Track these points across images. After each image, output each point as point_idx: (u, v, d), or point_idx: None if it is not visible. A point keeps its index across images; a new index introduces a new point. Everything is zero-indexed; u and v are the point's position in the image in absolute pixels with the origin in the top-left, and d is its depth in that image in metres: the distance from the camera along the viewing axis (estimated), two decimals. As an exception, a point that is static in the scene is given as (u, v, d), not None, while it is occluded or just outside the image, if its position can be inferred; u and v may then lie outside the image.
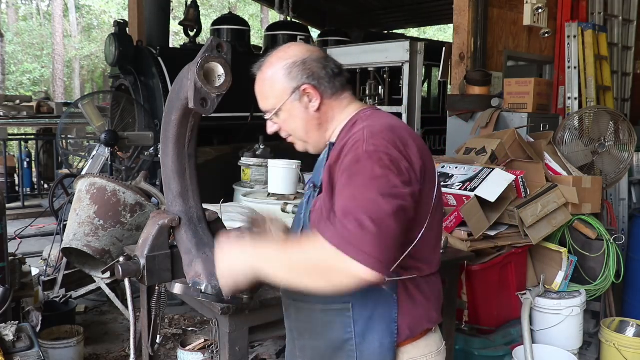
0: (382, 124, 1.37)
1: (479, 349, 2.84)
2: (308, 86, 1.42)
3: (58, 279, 3.88)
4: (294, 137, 1.51)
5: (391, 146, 1.29)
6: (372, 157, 1.26)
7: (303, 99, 1.43)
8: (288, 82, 1.42)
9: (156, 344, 2.16)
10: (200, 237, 1.65)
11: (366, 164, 1.26)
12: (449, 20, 8.73)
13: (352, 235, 1.18)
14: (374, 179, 1.24)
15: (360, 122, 1.40)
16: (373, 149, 1.28)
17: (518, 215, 2.92)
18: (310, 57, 1.43)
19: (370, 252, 1.17)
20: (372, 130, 1.34)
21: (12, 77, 22.18)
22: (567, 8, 5.25)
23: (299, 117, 1.45)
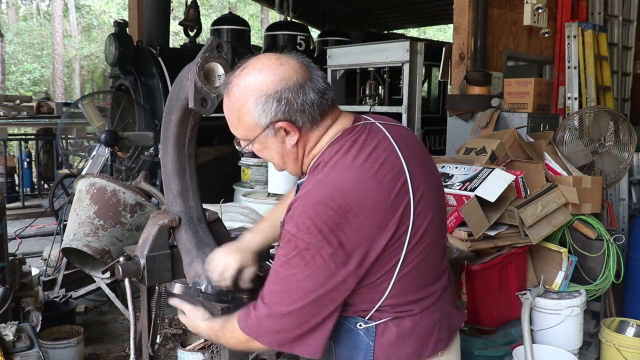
0: (325, 188, 1.24)
1: (479, 349, 2.84)
2: (284, 123, 1.27)
3: (58, 279, 3.88)
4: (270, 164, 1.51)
5: (314, 230, 1.20)
6: (290, 242, 1.24)
7: (279, 133, 1.30)
8: (259, 117, 1.27)
9: (156, 344, 2.15)
10: (200, 237, 1.65)
11: (285, 249, 1.25)
12: (449, 20, 8.73)
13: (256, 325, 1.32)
14: (285, 268, 1.26)
15: (318, 171, 1.30)
16: (294, 232, 1.23)
17: (518, 215, 2.92)
18: (286, 86, 1.25)
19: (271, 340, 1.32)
20: (306, 201, 1.24)
21: (12, 77, 22.18)
22: (567, 8, 5.25)
23: (274, 150, 1.35)
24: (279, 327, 1.29)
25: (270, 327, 1.30)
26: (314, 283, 1.24)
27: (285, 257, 1.26)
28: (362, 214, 1.21)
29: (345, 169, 1.26)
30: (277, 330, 1.30)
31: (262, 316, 1.31)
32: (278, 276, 1.28)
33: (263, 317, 1.30)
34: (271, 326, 1.30)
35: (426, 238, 1.32)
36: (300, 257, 1.22)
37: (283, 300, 1.27)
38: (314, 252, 1.21)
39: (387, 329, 1.34)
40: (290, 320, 1.28)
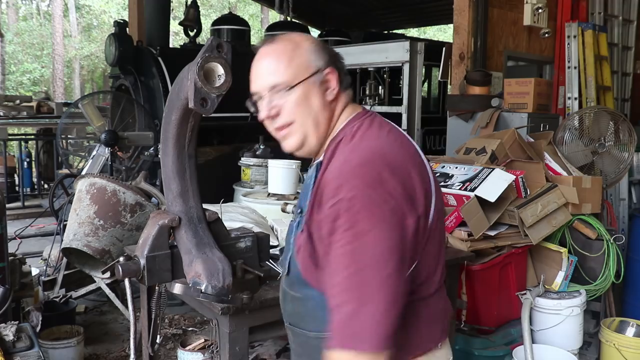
0: (363, 152, 1.22)
1: (479, 349, 2.84)
2: (332, 70, 1.29)
3: (58, 279, 3.89)
4: (295, 128, 1.31)
5: (372, 187, 1.14)
6: (352, 207, 1.13)
7: (322, 85, 1.29)
8: (314, 59, 1.28)
9: (156, 344, 2.15)
10: (200, 237, 1.65)
11: (346, 218, 1.14)
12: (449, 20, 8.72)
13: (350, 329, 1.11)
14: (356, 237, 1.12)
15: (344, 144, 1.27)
16: (352, 194, 1.14)
17: (518, 215, 2.92)
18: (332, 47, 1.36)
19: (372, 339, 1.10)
20: (350, 165, 1.19)
21: (12, 77, 22.18)
22: (567, 8, 5.25)
23: (315, 103, 1.29)
24: (377, 313, 1.10)
25: (368, 321, 1.10)
26: (394, 240, 1.13)
27: (350, 227, 1.13)
28: (404, 173, 1.20)
29: (375, 138, 1.26)
30: (378, 321, 1.10)
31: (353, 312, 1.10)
32: (348, 255, 1.13)
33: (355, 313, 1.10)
34: (369, 316, 1.10)
35: (441, 215, 1.32)
36: (369, 215, 1.12)
37: (368, 276, 1.10)
38: (380, 204, 1.13)
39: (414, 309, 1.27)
40: (383, 296, 1.10)
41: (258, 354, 3.14)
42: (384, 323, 1.11)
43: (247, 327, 1.87)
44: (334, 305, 1.15)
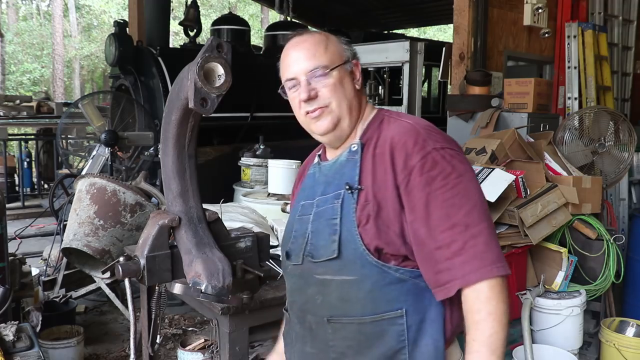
0: (420, 120, 1.37)
1: (479, 349, 2.84)
2: (357, 62, 1.43)
3: (58, 279, 3.89)
4: (330, 109, 1.37)
5: (451, 140, 1.32)
6: (445, 156, 1.26)
7: (351, 74, 1.41)
8: (344, 50, 1.41)
9: (156, 344, 2.15)
10: (200, 237, 1.65)
11: (443, 165, 1.25)
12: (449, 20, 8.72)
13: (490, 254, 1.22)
14: (459, 180, 1.25)
15: (389, 119, 1.39)
16: (440, 144, 1.28)
17: (518, 215, 2.92)
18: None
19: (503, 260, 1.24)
20: (421, 125, 1.33)
21: (12, 77, 22.18)
22: (567, 8, 5.24)
23: (348, 89, 1.39)
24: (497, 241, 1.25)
25: (495, 242, 1.25)
26: (476, 181, 1.31)
27: (450, 173, 1.25)
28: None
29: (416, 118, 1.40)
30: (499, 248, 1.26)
31: (483, 243, 1.22)
32: (459, 195, 1.24)
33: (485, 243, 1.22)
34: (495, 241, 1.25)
35: None
36: (462, 163, 1.28)
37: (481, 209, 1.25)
38: (463, 156, 1.31)
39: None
40: (492, 229, 1.26)
41: (258, 354, 3.14)
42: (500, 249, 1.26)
43: (247, 327, 1.87)
44: (460, 244, 1.22)
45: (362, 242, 1.29)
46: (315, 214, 1.39)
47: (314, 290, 1.38)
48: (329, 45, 1.38)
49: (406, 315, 1.29)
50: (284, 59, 1.41)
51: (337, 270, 1.33)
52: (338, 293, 1.34)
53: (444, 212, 1.23)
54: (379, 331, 1.30)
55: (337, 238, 1.32)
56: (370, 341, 1.31)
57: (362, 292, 1.31)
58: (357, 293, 1.31)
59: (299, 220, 1.45)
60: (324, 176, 1.43)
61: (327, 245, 1.34)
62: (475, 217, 1.23)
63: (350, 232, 1.30)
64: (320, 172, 1.47)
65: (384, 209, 1.28)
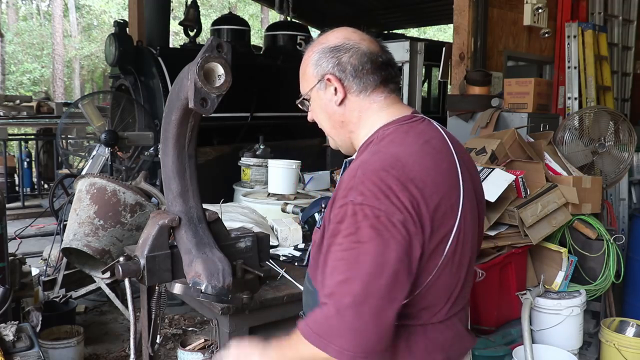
0: (383, 157, 1.19)
1: (479, 349, 2.84)
2: (332, 76, 1.30)
3: (58, 279, 3.88)
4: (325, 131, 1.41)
5: (382, 195, 1.12)
6: (357, 213, 1.12)
7: (329, 89, 1.32)
8: (315, 69, 1.33)
9: (156, 344, 2.15)
10: (200, 237, 1.65)
11: (349, 223, 1.13)
12: (449, 20, 8.72)
13: (324, 328, 1.12)
14: (354, 245, 1.12)
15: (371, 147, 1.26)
16: (360, 200, 1.13)
17: (518, 215, 2.92)
18: (345, 45, 1.30)
19: (343, 344, 1.09)
20: (366, 169, 1.17)
21: (12, 77, 22.18)
22: (567, 8, 5.25)
23: (324, 108, 1.35)
24: (356, 322, 1.09)
25: (344, 325, 1.09)
26: (393, 254, 1.10)
27: (353, 233, 1.12)
28: (422, 187, 1.16)
29: (404, 144, 1.22)
30: (354, 328, 1.09)
31: (331, 314, 1.11)
32: (344, 261, 1.12)
33: (333, 315, 1.10)
34: (345, 323, 1.09)
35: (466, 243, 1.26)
36: (371, 228, 1.10)
37: (356, 285, 1.09)
38: (385, 219, 1.10)
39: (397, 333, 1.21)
40: (368, 309, 1.09)
41: None
42: (361, 334, 1.10)
43: (247, 327, 1.87)
44: (322, 302, 1.16)
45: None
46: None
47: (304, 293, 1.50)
48: (306, 68, 1.35)
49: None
50: None
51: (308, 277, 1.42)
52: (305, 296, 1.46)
53: (329, 270, 1.16)
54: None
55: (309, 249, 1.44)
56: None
57: (315, 303, 1.29)
58: (313, 303, 1.33)
59: None
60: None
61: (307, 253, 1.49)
62: (341, 290, 1.11)
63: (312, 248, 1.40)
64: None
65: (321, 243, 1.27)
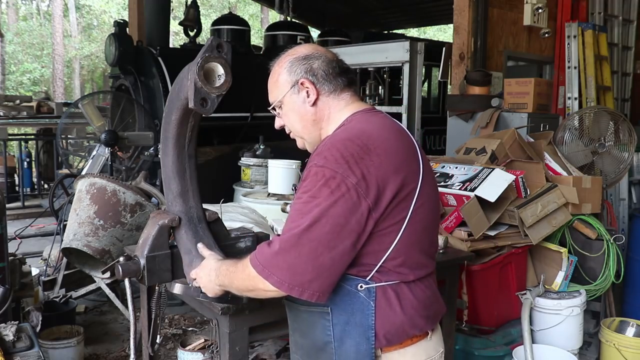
0: (349, 131, 1.40)
1: (479, 349, 2.84)
2: (305, 80, 1.47)
3: (58, 279, 3.88)
4: (294, 134, 1.56)
5: (343, 159, 1.31)
6: (317, 174, 1.32)
7: (301, 93, 1.48)
8: (288, 76, 1.49)
9: (156, 344, 2.16)
10: (200, 237, 1.65)
11: (310, 182, 1.33)
12: (449, 20, 8.72)
13: (267, 260, 1.32)
14: (309, 199, 1.30)
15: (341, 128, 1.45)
16: (322, 163, 1.33)
17: (518, 215, 2.92)
18: (314, 54, 1.50)
19: (281, 277, 1.29)
20: (333, 139, 1.38)
21: (12, 77, 22.17)
22: (567, 8, 5.25)
23: (296, 111, 1.50)
24: (293, 262, 1.29)
25: (284, 263, 1.29)
26: (339, 209, 1.29)
27: (310, 190, 1.31)
28: (383, 155, 1.34)
29: (370, 123, 1.43)
30: (290, 266, 1.29)
31: (275, 251, 1.31)
32: (299, 211, 1.31)
33: (277, 252, 1.30)
34: (285, 261, 1.29)
35: (427, 207, 1.43)
36: (326, 186, 1.30)
37: (300, 229, 1.28)
38: (339, 180, 1.29)
39: (386, 292, 1.38)
40: (306, 253, 1.28)
41: (258, 354, 3.14)
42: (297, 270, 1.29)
43: (247, 327, 1.87)
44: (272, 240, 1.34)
45: None
46: None
47: None
48: (278, 77, 1.51)
49: (332, 313, 1.40)
50: None
51: None
52: None
53: (287, 218, 1.36)
54: (312, 321, 1.45)
55: None
56: (305, 327, 1.47)
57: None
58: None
59: None
60: None
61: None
62: (289, 235, 1.30)
63: None
64: None
65: None
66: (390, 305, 1.38)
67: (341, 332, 1.40)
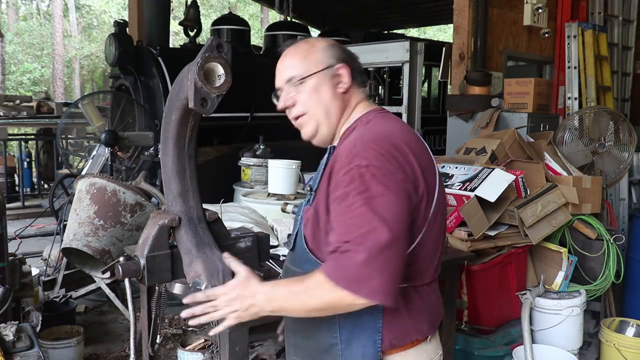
0: (376, 132, 1.35)
1: (479, 349, 2.84)
2: (343, 66, 1.43)
3: (58, 279, 3.88)
4: (308, 117, 1.44)
5: (384, 157, 1.26)
6: (364, 175, 1.24)
7: (334, 79, 1.43)
8: (325, 57, 1.43)
9: (156, 344, 2.16)
10: (200, 237, 1.65)
11: (358, 184, 1.24)
12: (449, 20, 8.72)
13: (355, 272, 1.19)
14: (369, 200, 1.22)
15: (358, 128, 1.40)
16: (365, 163, 1.25)
17: (518, 215, 2.92)
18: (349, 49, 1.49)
19: (375, 286, 1.19)
20: (363, 140, 1.32)
21: (12, 77, 22.17)
22: (567, 8, 5.25)
23: (325, 94, 1.42)
24: (383, 268, 1.19)
25: (376, 269, 1.19)
26: (401, 204, 1.24)
27: (361, 192, 1.22)
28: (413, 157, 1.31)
29: (388, 124, 1.40)
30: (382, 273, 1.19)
31: (361, 262, 1.19)
32: (362, 215, 1.21)
33: (363, 263, 1.19)
34: (374, 270, 1.19)
35: (442, 212, 1.41)
36: (380, 184, 1.23)
37: (384, 232, 1.19)
38: (390, 176, 1.25)
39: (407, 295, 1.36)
40: (395, 253, 1.20)
41: (258, 354, 3.14)
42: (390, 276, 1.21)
43: (247, 327, 1.87)
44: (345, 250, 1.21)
45: (306, 241, 1.42)
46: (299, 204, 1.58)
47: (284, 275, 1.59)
48: (309, 54, 1.43)
49: (338, 316, 1.36)
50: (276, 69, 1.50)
51: (292, 261, 1.52)
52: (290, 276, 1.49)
53: (345, 229, 1.24)
54: (317, 324, 1.41)
55: (295, 232, 1.51)
56: (309, 331, 1.44)
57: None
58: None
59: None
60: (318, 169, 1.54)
61: (292, 236, 1.53)
62: (368, 240, 1.20)
63: (300, 229, 1.46)
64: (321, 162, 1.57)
65: (319, 216, 1.37)
66: (398, 309, 1.35)
67: (349, 334, 1.37)
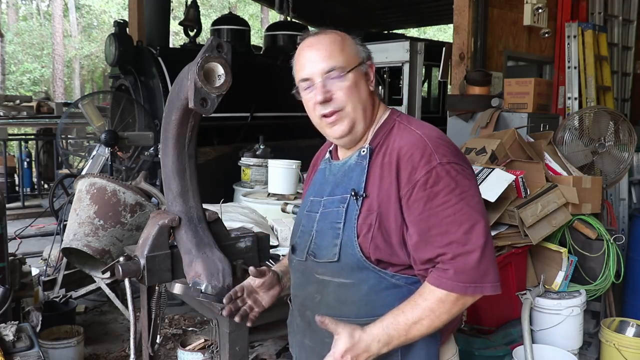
0: (431, 129, 1.34)
1: (479, 349, 2.84)
2: (372, 63, 1.40)
3: (58, 279, 3.88)
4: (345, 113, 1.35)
5: (458, 153, 1.30)
6: (450, 171, 1.24)
7: (366, 75, 1.38)
8: (358, 51, 1.38)
9: (156, 344, 2.15)
10: (200, 237, 1.65)
11: (447, 181, 1.23)
12: (449, 20, 8.72)
13: (474, 274, 1.22)
14: (462, 196, 1.24)
15: (400, 125, 1.37)
16: (446, 160, 1.25)
17: (518, 215, 2.92)
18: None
19: (493, 280, 1.25)
20: (430, 138, 1.29)
21: (12, 77, 22.17)
22: (567, 8, 5.25)
23: (363, 90, 1.36)
24: (492, 255, 1.25)
25: (489, 262, 1.24)
26: (480, 193, 1.30)
27: (453, 189, 1.23)
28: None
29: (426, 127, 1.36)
30: (493, 260, 1.25)
31: (477, 261, 1.22)
32: (461, 212, 1.23)
33: (479, 261, 1.22)
34: (489, 260, 1.24)
35: None
36: (466, 179, 1.26)
37: (482, 226, 1.23)
38: (469, 169, 1.30)
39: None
40: (492, 243, 1.25)
41: (258, 354, 3.14)
42: (495, 264, 1.27)
43: (247, 327, 1.86)
44: (451, 256, 1.22)
45: (361, 250, 1.31)
46: (321, 214, 1.41)
47: (314, 289, 1.41)
48: (345, 45, 1.36)
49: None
50: (299, 59, 1.38)
51: (336, 272, 1.36)
52: (335, 294, 1.36)
53: (444, 229, 1.23)
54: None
55: (338, 242, 1.34)
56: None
57: (359, 295, 1.33)
58: (353, 296, 1.34)
59: (306, 216, 1.47)
60: (333, 176, 1.44)
61: (329, 247, 1.36)
62: (474, 236, 1.22)
63: (350, 239, 1.33)
64: (330, 170, 1.47)
65: (386, 220, 1.29)
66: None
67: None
